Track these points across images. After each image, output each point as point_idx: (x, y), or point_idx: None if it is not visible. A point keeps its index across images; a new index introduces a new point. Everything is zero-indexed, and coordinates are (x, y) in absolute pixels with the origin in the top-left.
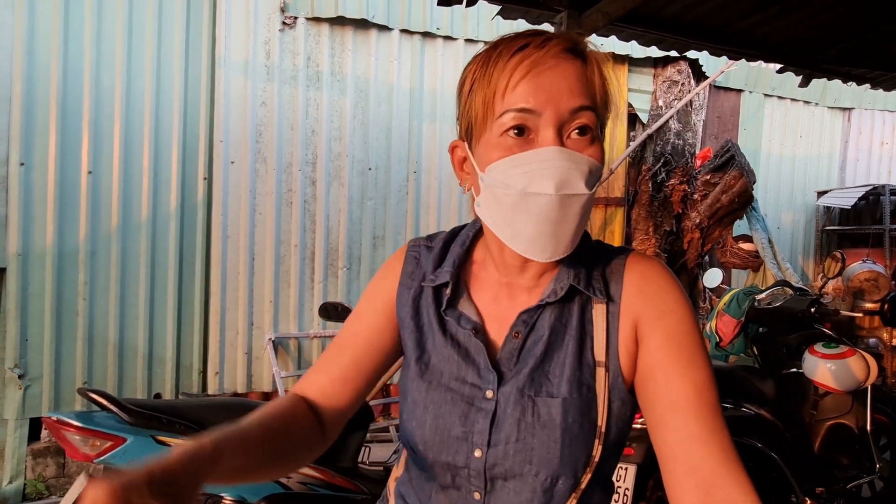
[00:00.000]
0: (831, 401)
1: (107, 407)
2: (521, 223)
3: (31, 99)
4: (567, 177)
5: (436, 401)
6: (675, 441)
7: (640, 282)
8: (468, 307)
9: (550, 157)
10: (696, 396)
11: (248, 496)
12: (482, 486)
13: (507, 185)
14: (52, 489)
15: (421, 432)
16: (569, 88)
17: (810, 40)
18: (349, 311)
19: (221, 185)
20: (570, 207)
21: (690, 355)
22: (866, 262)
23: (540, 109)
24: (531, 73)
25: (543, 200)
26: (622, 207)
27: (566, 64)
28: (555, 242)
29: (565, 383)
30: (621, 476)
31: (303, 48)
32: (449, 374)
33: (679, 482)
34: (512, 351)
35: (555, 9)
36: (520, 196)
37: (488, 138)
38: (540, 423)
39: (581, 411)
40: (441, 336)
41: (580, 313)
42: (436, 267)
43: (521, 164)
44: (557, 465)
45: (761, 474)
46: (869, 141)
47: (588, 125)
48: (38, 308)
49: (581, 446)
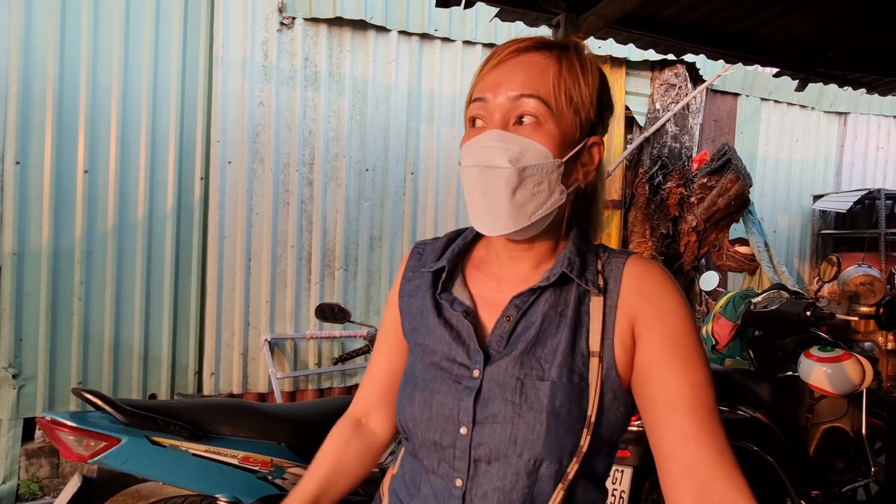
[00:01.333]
0: (827, 404)
1: (101, 407)
2: (468, 199)
3: (27, 97)
4: (491, 154)
5: (427, 378)
6: (672, 441)
7: (639, 281)
8: (462, 292)
9: (485, 138)
10: (693, 397)
11: (244, 498)
12: (465, 470)
13: (460, 164)
14: (45, 490)
15: (411, 409)
16: (515, 78)
17: (807, 43)
18: (346, 312)
19: (218, 185)
20: (492, 180)
21: (688, 356)
22: (862, 266)
23: (488, 97)
24: (491, 68)
25: (470, 173)
26: (619, 210)
27: (524, 56)
28: (490, 214)
29: (556, 368)
30: (617, 478)
31: (301, 49)
32: (441, 354)
33: (676, 482)
34: (502, 334)
35: (552, 11)
36: (462, 171)
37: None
38: (527, 404)
39: (570, 398)
40: (435, 317)
41: (576, 304)
42: (437, 257)
43: (468, 147)
44: (541, 448)
45: (757, 478)
46: (865, 145)
47: (529, 112)
48: (34, 307)
49: (568, 432)
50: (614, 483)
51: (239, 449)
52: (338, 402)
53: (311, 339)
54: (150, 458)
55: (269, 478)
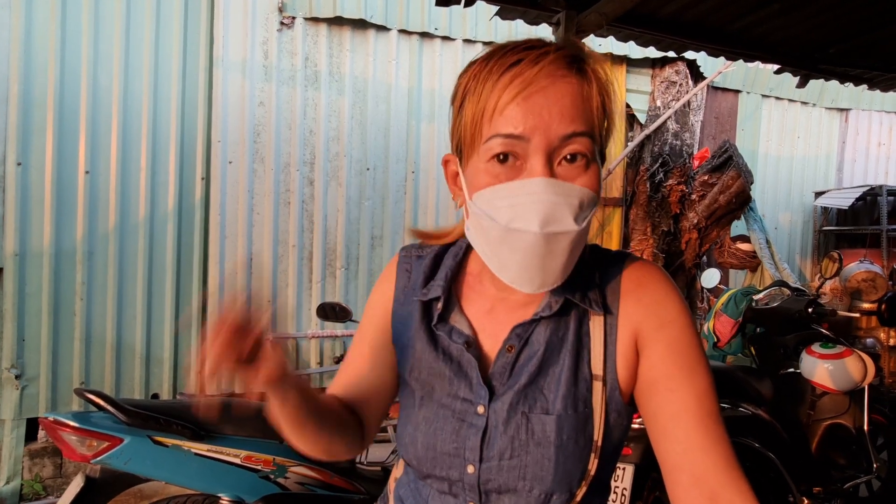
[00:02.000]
0: (828, 401)
1: (104, 407)
2: (506, 257)
3: (28, 98)
4: (553, 212)
5: (427, 417)
6: (680, 452)
7: (637, 291)
8: (460, 321)
9: (537, 191)
10: (699, 406)
11: (246, 497)
12: (477, 498)
13: (492, 217)
14: (49, 490)
15: (413, 449)
16: (560, 112)
17: (808, 40)
18: (347, 311)
19: (219, 185)
20: (557, 244)
21: (692, 365)
22: (863, 263)
23: (528, 135)
24: (521, 95)
25: (528, 238)
26: (620, 208)
27: (561, 84)
28: (542, 275)
29: (560, 400)
30: (619, 476)
31: (301, 48)
32: (441, 389)
33: (685, 493)
34: (505, 365)
35: (553, 9)
36: (504, 231)
37: (476, 162)
38: (534, 441)
39: (576, 428)
40: (432, 351)
41: (577, 326)
42: (427, 280)
43: (506, 196)
44: (551, 482)
45: (759, 474)
46: (866, 142)
47: (581, 152)
48: (36, 308)
49: (576, 462)
50: (616, 481)
51: (241, 448)
52: None
53: (313, 339)
54: (152, 458)
55: (272, 477)
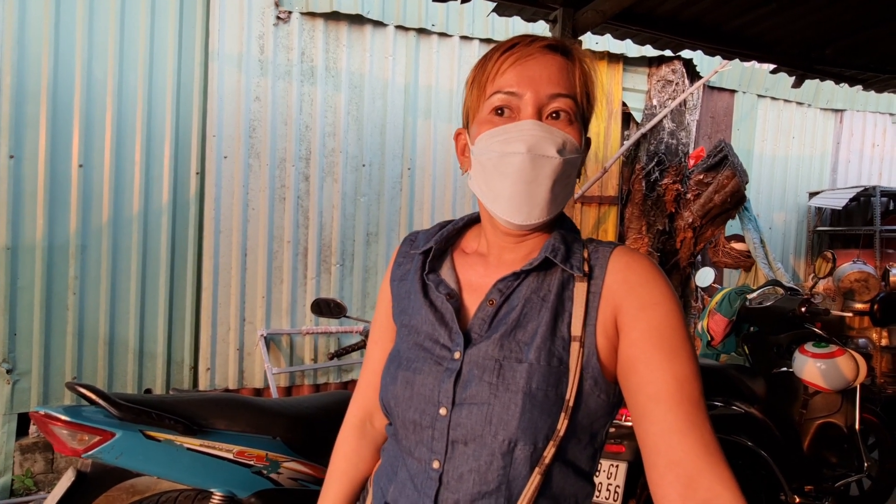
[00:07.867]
0: (821, 400)
1: (95, 401)
2: (499, 184)
3: (21, 91)
4: (539, 142)
5: (410, 358)
6: (657, 434)
7: (625, 271)
8: (449, 275)
9: (527, 127)
10: (678, 390)
11: (239, 492)
12: (443, 451)
13: (490, 150)
14: (40, 485)
15: (394, 387)
16: (549, 77)
17: (804, 39)
18: (342, 307)
19: (214, 180)
20: (541, 168)
21: (673, 348)
22: (857, 263)
23: (522, 92)
24: (518, 63)
25: (517, 159)
26: (615, 206)
27: (549, 56)
28: (529, 203)
29: (534, 350)
30: (612, 473)
31: (297, 43)
32: (424, 334)
33: (661, 476)
34: (484, 318)
35: (549, 6)
36: (499, 157)
37: (480, 117)
38: (504, 385)
39: (548, 381)
40: (422, 298)
41: (560, 290)
42: (427, 241)
43: (502, 133)
44: (515, 428)
45: (751, 472)
46: (860, 142)
47: (565, 109)
48: (28, 302)
49: (543, 414)
50: (609, 478)
51: (234, 443)
52: (333, 396)
53: (308, 335)
54: (144, 453)
55: (265, 472)
